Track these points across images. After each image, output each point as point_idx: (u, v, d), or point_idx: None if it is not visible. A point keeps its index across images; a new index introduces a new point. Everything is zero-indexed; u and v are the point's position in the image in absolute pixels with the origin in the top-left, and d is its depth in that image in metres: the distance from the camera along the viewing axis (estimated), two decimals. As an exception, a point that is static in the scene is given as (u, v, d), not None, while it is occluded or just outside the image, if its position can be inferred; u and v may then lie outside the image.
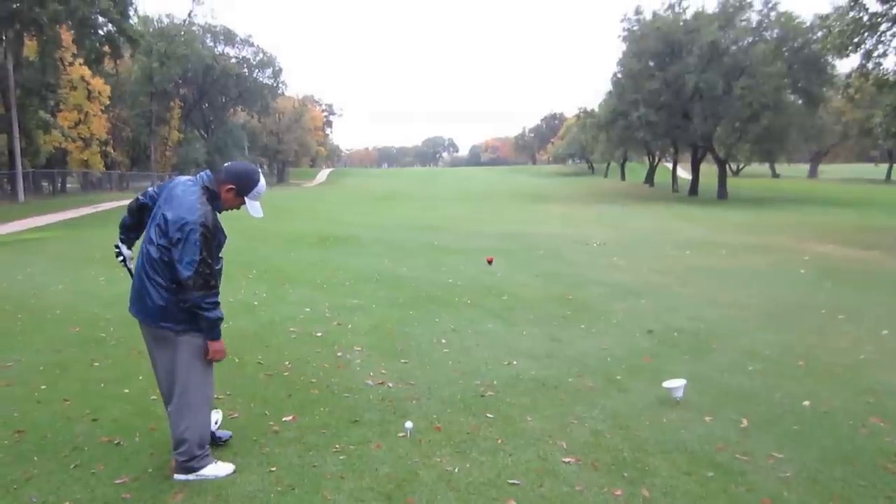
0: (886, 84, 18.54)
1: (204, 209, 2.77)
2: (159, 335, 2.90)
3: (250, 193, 2.92)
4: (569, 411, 3.97)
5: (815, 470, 3.21)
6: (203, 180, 2.88)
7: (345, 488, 2.94)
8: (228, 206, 2.96)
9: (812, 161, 61.33)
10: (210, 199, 2.84)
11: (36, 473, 3.06)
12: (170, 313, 2.83)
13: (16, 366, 4.76)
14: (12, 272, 9.02)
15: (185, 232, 2.70)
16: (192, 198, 2.78)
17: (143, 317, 2.89)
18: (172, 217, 2.74)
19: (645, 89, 33.87)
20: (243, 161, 3.04)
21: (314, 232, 15.03)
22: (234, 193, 2.90)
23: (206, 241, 2.73)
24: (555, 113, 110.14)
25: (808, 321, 6.67)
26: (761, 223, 20.26)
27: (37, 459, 3.21)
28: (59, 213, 21.70)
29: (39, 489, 2.91)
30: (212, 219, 2.78)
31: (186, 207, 2.75)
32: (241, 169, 2.96)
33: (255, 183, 2.92)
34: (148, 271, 2.82)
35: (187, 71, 47.77)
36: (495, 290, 8.12)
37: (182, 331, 2.86)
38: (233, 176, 2.90)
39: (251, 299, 7.23)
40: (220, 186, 2.89)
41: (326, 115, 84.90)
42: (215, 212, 2.86)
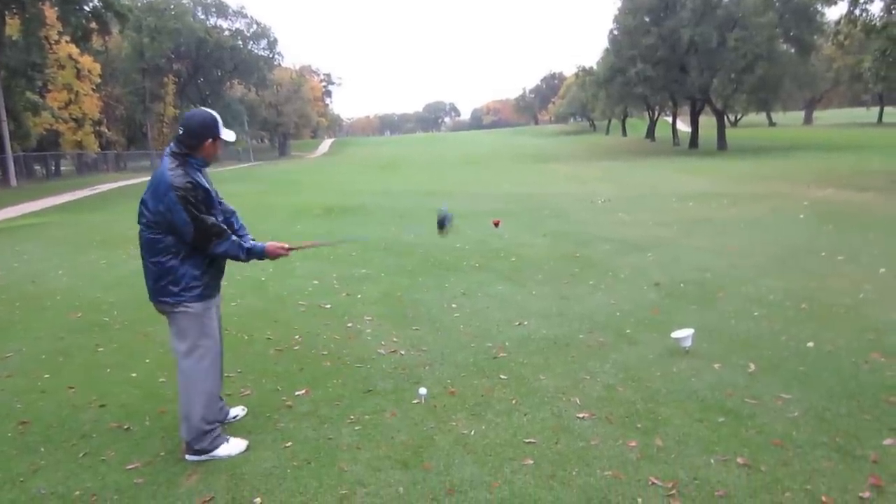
0: (874, 29, 18.45)
1: (174, 174, 2.79)
2: (161, 310, 2.99)
3: (221, 130, 2.94)
4: (581, 368, 3.99)
5: (821, 408, 3.25)
6: (170, 149, 2.89)
7: (361, 458, 2.96)
8: (213, 155, 2.98)
9: (806, 108, 61.64)
10: (182, 163, 2.84)
11: (43, 465, 3.05)
12: (163, 289, 2.90)
13: (16, 356, 4.71)
14: (8, 260, 8.94)
15: (165, 202, 2.77)
16: (162, 170, 2.83)
17: (150, 296, 2.98)
18: (152, 196, 2.82)
19: (641, 45, 34.03)
20: (192, 112, 2.97)
21: (319, 203, 14.97)
22: (213, 141, 2.92)
23: (187, 202, 2.77)
24: (554, 72, 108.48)
25: (810, 265, 6.66)
26: (761, 171, 20.09)
27: (43, 450, 3.19)
28: (55, 196, 21.42)
29: (47, 480, 2.89)
30: (183, 180, 2.78)
31: (159, 180, 2.81)
32: (200, 120, 2.91)
33: (216, 121, 2.92)
34: (145, 253, 2.93)
35: (180, 45, 46.94)
36: (503, 252, 8.11)
37: (175, 303, 2.90)
38: (201, 130, 2.88)
39: (258, 275, 7.24)
40: (202, 147, 2.89)
41: (325, 84, 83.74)
42: (193, 169, 2.86)
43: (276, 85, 63.50)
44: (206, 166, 2.97)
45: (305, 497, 2.66)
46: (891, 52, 17.98)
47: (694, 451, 2.87)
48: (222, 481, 2.81)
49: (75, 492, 2.78)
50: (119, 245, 9.47)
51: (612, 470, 2.74)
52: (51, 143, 34.70)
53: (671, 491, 2.56)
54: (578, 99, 64.66)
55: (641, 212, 11.61)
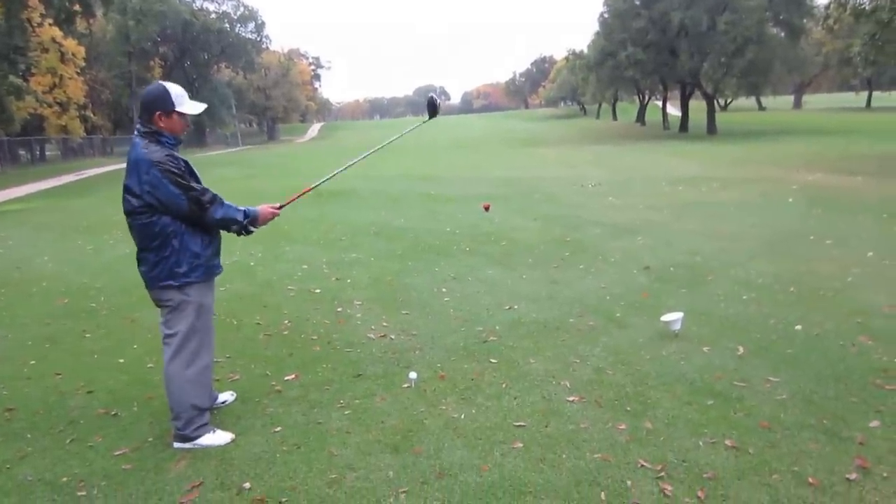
0: (863, 13, 18.49)
1: (150, 151, 2.75)
2: (161, 298, 2.92)
3: (173, 103, 2.82)
4: (571, 351, 4.00)
5: (809, 391, 3.27)
6: (139, 130, 2.83)
7: (351, 443, 2.96)
8: (178, 129, 2.88)
9: (796, 92, 62.01)
10: (154, 140, 2.80)
11: (30, 451, 3.02)
12: (167, 272, 2.84)
13: (2, 342, 4.66)
14: (-6, 247, 8.82)
15: (149, 181, 2.72)
16: (136, 152, 2.78)
17: (148, 285, 2.92)
18: (133, 179, 2.76)
19: (632, 28, 34.00)
20: (145, 88, 2.92)
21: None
22: (166, 116, 2.81)
23: (171, 172, 2.74)
24: (544, 56, 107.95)
25: (798, 248, 6.70)
26: (750, 156, 20.17)
27: (30, 437, 3.17)
28: (40, 181, 21.14)
29: (34, 467, 2.87)
30: (161, 154, 2.75)
31: (137, 161, 2.76)
32: (149, 96, 2.84)
33: (167, 93, 2.82)
34: (138, 242, 2.88)
35: (166, 28, 46.27)
36: (493, 236, 8.09)
37: (181, 285, 2.85)
38: (149, 106, 2.80)
39: (247, 260, 7.19)
40: (154, 122, 2.81)
41: (314, 68, 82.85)
42: (167, 145, 2.81)
43: (264, 68, 62.82)
44: (177, 144, 2.89)
45: (295, 482, 2.65)
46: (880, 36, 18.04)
47: (683, 434, 2.88)
48: (211, 466, 2.80)
49: (63, 478, 2.76)
50: (106, 230, 9.37)
51: (602, 453, 2.75)
52: (35, 127, 34.17)
53: (660, 473, 2.57)
54: (569, 83, 64.51)
55: (632, 196, 11.62)
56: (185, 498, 2.57)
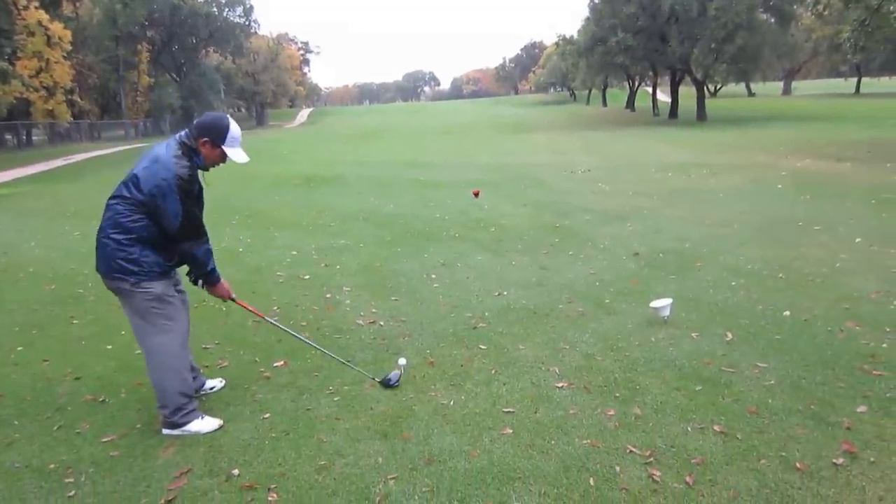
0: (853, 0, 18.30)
1: (180, 163, 2.74)
2: (116, 287, 2.86)
3: (225, 141, 2.86)
4: (560, 337, 4.00)
5: (797, 376, 3.30)
6: (182, 137, 2.86)
7: (340, 429, 2.95)
8: (212, 161, 2.90)
9: (785, 78, 61.99)
10: (188, 156, 2.81)
11: (17, 438, 3.00)
12: (123, 266, 2.79)
13: None
14: (-20, 232, 8.72)
15: (163, 188, 2.70)
16: (169, 154, 2.76)
17: (101, 271, 2.87)
18: (147, 175, 2.72)
19: (622, 14, 33.81)
20: (213, 111, 2.93)
21: (298, 173, 14.75)
22: (210, 145, 2.84)
23: (185, 193, 2.74)
24: (534, 42, 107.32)
25: (787, 234, 6.74)
26: (740, 142, 20.21)
27: (17, 423, 3.15)
28: (27, 166, 20.88)
29: (21, 453, 2.86)
30: (188, 172, 2.76)
31: (163, 164, 2.73)
32: (209, 119, 2.88)
33: (225, 129, 2.84)
34: (108, 227, 2.81)
35: (153, 12, 45.55)
36: (483, 223, 8.07)
37: (136, 282, 2.81)
38: (202, 129, 2.84)
39: (236, 246, 7.13)
40: (197, 142, 2.83)
41: (303, 53, 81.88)
42: (195, 166, 2.82)
43: (252, 53, 62.07)
44: (204, 169, 2.90)
45: (284, 468, 2.64)
46: (869, 22, 17.99)
47: (671, 420, 2.90)
48: (200, 453, 2.79)
49: (50, 465, 2.74)
50: (93, 216, 9.11)
51: (591, 438, 2.76)
52: (22, 112, 33.67)
53: (649, 459, 2.59)
54: (559, 69, 64.13)
55: (621, 182, 11.63)
56: (173, 485, 2.56)
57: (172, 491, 2.52)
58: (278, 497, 2.46)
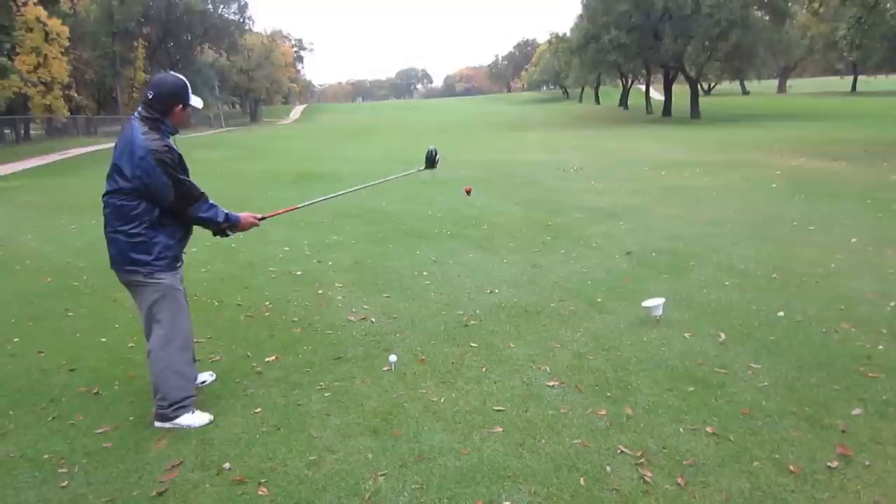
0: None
1: (150, 137, 2.75)
2: (129, 280, 2.89)
3: (190, 97, 2.89)
4: (551, 336, 4.00)
5: (791, 378, 3.29)
6: (140, 113, 2.83)
7: (331, 425, 2.94)
8: (184, 123, 2.94)
9: (780, 77, 61.88)
10: (155, 128, 2.79)
11: (12, 428, 3.01)
12: (134, 258, 2.81)
13: None
14: (-24, 225, 8.70)
15: (143, 166, 2.71)
16: (136, 134, 2.76)
17: (115, 266, 2.89)
18: (126, 160, 2.74)
19: (615, 11, 33.78)
20: (162, 76, 2.89)
21: (291, 169, 14.68)
22: (182, 108, 2.87)
23: (166, 164, 2.74)
24: (527, 39, 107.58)
25: (781, 234, 6.76)
26: (734, 140, 20.29)
27: (12, 413, 3.15)
28: (24, 160, 20.83)
29: (16, 443, 2.86)
30: (161, 144, 2.76)
31: (136, 145, 2.74)
32: (170, 85, 2.85)
33: (185, 86, 2.86)
34: (112, 221, 2.83)
35: (149, 9, 45.49)
36: (475, 220, 8.06)
37: (148, 273, 2.83)
38: (171, 96, 2.83)
39: (228, 241, 7.01)
40: (170, 113, 2.83)
41: (297, 50, 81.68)
42: (166, 134, 2.82)
43: (246, 50, 61.88)
44: (175, 133, 2.90)
45: (274, 463, 2.64)
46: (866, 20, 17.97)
47: (663, 420, 2.90)
48: (191, 446, 2.78)
49: (44, 455, 2.75)
50: (89, 210, 9.16)
51: (581, 438, 2.76)
52: (20, 106, 33.59)
53: (640, 459, 2.58)
54: (551, 66, 64.33)
55: (614, 180, 11.64)
56: (165, 477, 2.56)
57: (164, 483, 2.52)
58: (268, 491, 2.45)
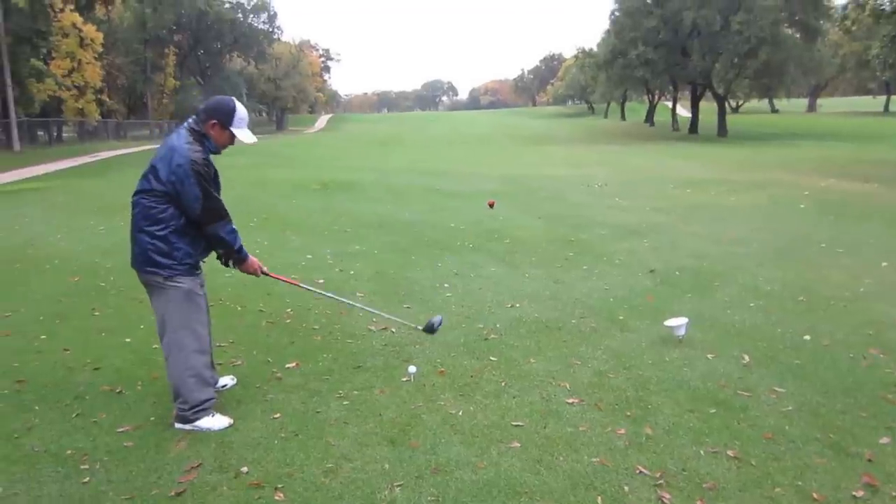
0: (883, 15, 18.13)
1: (192, 148, 2.83)
2: (148, 281, 2.94)
3: (233, 122, 2.94)
4: (572, 352, 3.97)
5: (816, 403, 3.22)
6: (190, 124, 2.93)
7: (349, 433, 2.95)
8: (222, 143, 2.98)
9: (810, 95, 60.84)
10: (199, 141, 2.89)
11: (37, 423, 3.07)
12: (156, 260, 2.86)
13: (15, 316, 4.75)
14: (9, 222, 8.98)
15: (179, 174, 2.77)
16: (181, 142, 2.84)
17: (136, 265, 2.94)
18: (164, 164, 2.81)
19: (643, 27, 33.74)
20: (220, 96, 3.00)
21: (315, 178, 14.86)
22: (220, 127, 2.92)
23: (201, 176, 2.81)
24: (554, 54, 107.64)
25: (809, 256, 6.63)
26: (761, 159, 20.00)
27: (38, 409, 3.22)
28: (56, 162, 21.43)
29: (41, 438, 2.93)
30: (201, 156, 2.84)
31: (177, 152, 2.81)
32: (215, 102, 2.97)
33: (232, 111, 2.93)
34: (139, 220, 2.88)
35: (181, 17, 46.65)
36: (497, 234, 8.06)
37: (168, 276, 2.88)
38: (210, 112, 2.92)
39: (252, 248, 7.05)
40: (205, 126, 2.91)
41: (324, 60, 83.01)
42: (207, 151, 2.91)
43: (275, 59, 62.95)
44: (216, 152, 2.97)
45: (292, 468, 2.65)
46: (900, 39, 17.70)
47: (683, 442, 2.85)
48: (210, 449, 2.81)
49: (67, 451, 2.80)
50: (117, 212, 9.41)
51: (600, 457, 2.73)
52: (53, 109, 34.76)
53: (659, 480, 2.54)
54: (577, 81, 64.38)
55: (638, 197, 11.56)
56: (183, 478, 2.59)
57: (183, 484, 2.55)
58: (285, 497, 2.46)
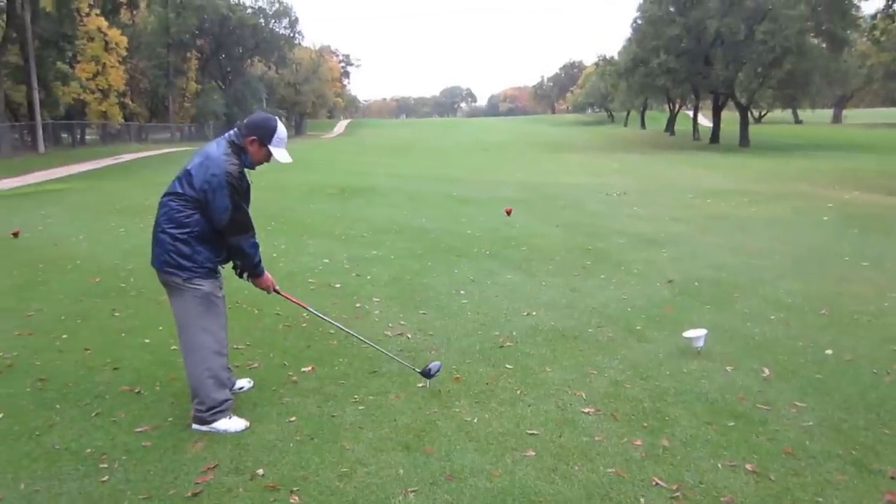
0: (914, 25, 17.72)
1: (229, 160, 2.88)
2: (167, 281, 2.98)
3: (272, 141, 2.98)
4: (588, 362, 3.94)
5: (838, 419, 3.16)
6: (231, 136, 2.99)
7: (364, 438, 2.96)
8: (258, 160, 3.02)
9: (836, 106, 59.77)
10: (237, 154, 2.94)
11: (58, 421, 3.13)
12: (176, 261, 2.90)
13: (37, 315, 4.85)
14: (34, 222, 9.19)
15: (213, 184, 2.83)
16: (219, 152, 2.91)
17: (156, 265, 2.99)
18: (199, 172, 2.86)
19: (666, 35, 33.51)
20: (261, 112, 3.06)
21: (333, 183, 14.98)
22: (258, 144, 2.97)
23: (233, 188, 2.86)
24: (574, 61, 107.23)
25: (832, 269, 6.51)
26: (784, 170, 19.74)
27: (59, 407, 3.28)
28: (79, 164, 21.92)
29: (62, 436, 2.98)
30: (237, 169, 2.90)
31: (213, 161, 2.88)
32: (257, 118, 3.03)
33: (272, 129, 2.97)
34: (163, 222, 2.93)
35: (203, 22, 47.32)
36: (514, 241, 8.04)
37: (187, 278, 2.92)
38: (251, 128, 2.97)
39: (270, 251, 7.24)
40: (245, 140, 2.96)
41: (343, 65, 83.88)
42: (243, 164, 2.96)
43: (295, 64, 63.64)
44: (251, 167, 3.02)
45: (307, 472, 2.67)
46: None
47: (701, 455, 2.82)
48: (227, 450, 2.84)
49: (87, 449, 2.85)
50: (138, 214, 9.58)
51: (616, 467, 2.70)
52: (77, 112, 35.50)
53: (675, 493, 2.51)
54: (598, 89, 64.18)
55: (657, 206, 11.46)
56: (200, 479, 2.62)
57: (199, 485, 2.58)
58: (300, 500, 2.48)
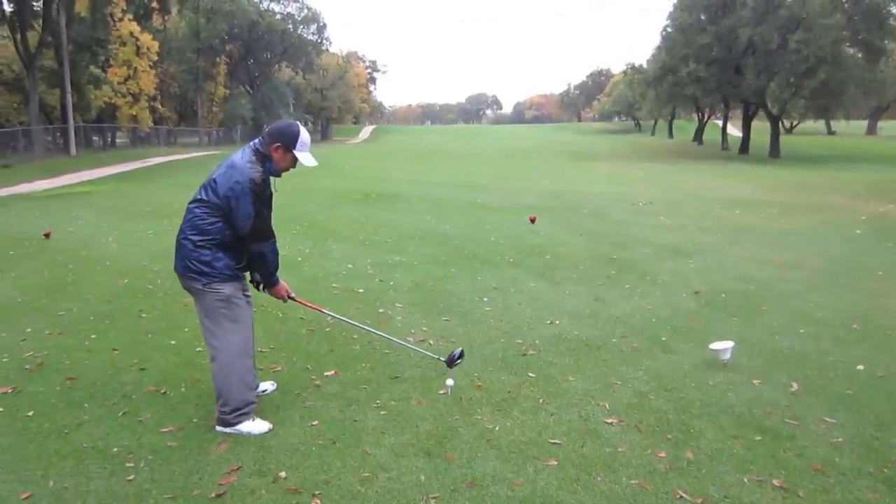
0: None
1: (254, 168, 2.92)
2: (188, 286, 3.03)
3: (296, 146, 3.02)
4: (612, 372, 3.91)
5: (869, 436, 3.08)
6: (255, 145, 3.03)
7: (385, 443, 2.98)
8: (284, 166, 3.05)
9: (871, 117, 58.11)
10: (262, 161, 2.98)
11: (86, 419, 3.21)
12: (196, 267, 2.94)
13: (67, 315, 4.98)
14: (65, 224, 9.44)
15: (237, 191, 2.86)
16: (244, 160, 2.95)
17: (178, 270, 3.04)
18: (224, 180, 2.90)
19: (696, 44, 33.03)
20: (284, 119, 3.12)
21: (358, 188, 15.10)
22: (283, 150, 3.00)
23: (256, 196, 2.90)
24: (601, 69, 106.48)
25: (864, 283, 6.36)
26: (815, 182, 19.30)
27: (87, 406, 3.36)
28: (109, 167, 22.44)
29: (89, 434, 3.05)
30: (260, 177, 2.93)
31: (238, 169, 2.92)
32: (281, 126, 3.07)
33: (296, 135, 3.01)
34: (187, 228, 2.98)
35: (233, 27, 48.14)
36: (538, 249, 8.01)
37: (206, 283, 2.95)
38: (275, 135, 3.01)
39: (295, 255, 7.33)
40: (269, 148, 3.00)
41: (370, 71, 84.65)
42: (267, 172, 2.99)
43: (322, 70, 64.31)
44: (276, 175, 3.06)
45: (328, 476, 2.69)
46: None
47: (727, 469, 2.77)
48: (250, 452, 2.88)
49: (113, 448, 2.91)
50: (166, 216, 9.77)
51: (639, 479, 2.67)
52: (108, 115, 36.34)
53: (700, 506, 2.47)
54: (625, 97, 63.63)
55: (684, 216, 11.31)
56: (224, 480, 2.65)
57: (223, 486, 2.61)
58: (321, 503, 2.49)
